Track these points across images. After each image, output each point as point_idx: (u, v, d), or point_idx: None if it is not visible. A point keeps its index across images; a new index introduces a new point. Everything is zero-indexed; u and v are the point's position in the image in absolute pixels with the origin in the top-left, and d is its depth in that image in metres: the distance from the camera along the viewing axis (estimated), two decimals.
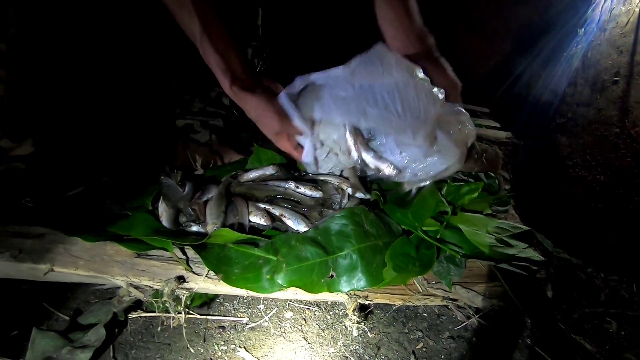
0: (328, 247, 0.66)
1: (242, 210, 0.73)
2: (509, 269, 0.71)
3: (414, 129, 0.65)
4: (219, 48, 0.63)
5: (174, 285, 0.59)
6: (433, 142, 0.67)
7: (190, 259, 0.67)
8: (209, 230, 0.69)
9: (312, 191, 0.80)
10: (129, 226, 0.68)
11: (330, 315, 0.76)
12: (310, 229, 0.68)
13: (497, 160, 0.98)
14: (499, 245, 0.74)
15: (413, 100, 0.64)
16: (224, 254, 0.66)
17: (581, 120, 1.15)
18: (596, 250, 0.97)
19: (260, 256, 0.66)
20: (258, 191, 0.79)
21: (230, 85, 0.66)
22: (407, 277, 0.67)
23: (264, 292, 0.63)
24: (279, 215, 0.73)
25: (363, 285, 0.64)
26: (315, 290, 0.63)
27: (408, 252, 0.70)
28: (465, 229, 0.76)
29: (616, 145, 1.03)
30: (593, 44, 1.21)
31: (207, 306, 0.76)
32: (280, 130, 0.69)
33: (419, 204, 0.78)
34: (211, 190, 0.80)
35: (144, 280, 0.61)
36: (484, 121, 1.49)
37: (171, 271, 0.63)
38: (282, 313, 0.76)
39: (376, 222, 0.72)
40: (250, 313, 0.76)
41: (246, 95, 0.67)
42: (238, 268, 0.64)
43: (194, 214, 0.74)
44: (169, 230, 0.69)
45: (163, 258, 0.65)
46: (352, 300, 0.65)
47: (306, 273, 0.63)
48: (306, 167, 0.78)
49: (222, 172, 0.97)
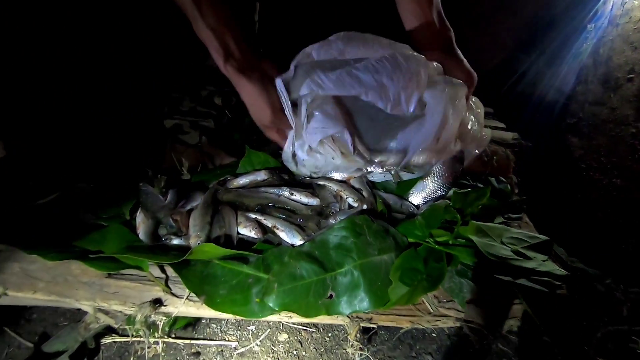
0: (326, 262, 0.59)
1: (229, 220, 0.65)
2: (528, 285, 0.64)
3: (407, 93, 0.60)
4: (212, 23, 0.57)
5: (149, 310, 0.51)
6: (423, 106, 0.63)
7: (170, 278, 0.59)
8: (191, 244, 0.61)
9: (308, 198, 0.72)
10: (100, 240, 0.60)
11: (329, 338, 0.68)
12: (306, 242, 0.61)
13: (509, 163, 0.91)
14: (516, 257, 0.67)
15: (403, 66, 0.60)
16: (208, 272, 0.58)
17: (594, 120, 1.09)
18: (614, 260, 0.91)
19: (250, 274, 0.58)
20: (248, 199, 0.72)
21: (224, 64, 0.60)
22: (416, 295, 0.60)
23: (253, 316, 0.55)
24: (271, 226, 0.65)
25: (366, 307, 0.56)
26: (312, 313, 0.55)
27: (416, 267, 0.63)
28: (478, 239, 0.69)
29: (633, 146, 0.97)
30: (604, 39, 1.14)
31: (191, 328, 0.68)
32: (270, 123, 0.63)
33: (427, 213, 0.71)
34: (196, 198, 0.72)
35: (114, 304, 0.53)
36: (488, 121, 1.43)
37: (147, 293, 0.55)
38: (276, 335, 0.68)
39: (380, 233, 0.64)
40: (239, 336, 0.68)
41: (240, 79, 0.60)
42: (224, 288, 0.56)
43: (176, 225, 0.66)
44: (145, 246, 0.61)
45: (138, 278, 0.57)
46: (354, 324, 0.57)
47: (301, 294, 0.55)
48: (285, 164, 0.74)
49: (211, 176, 0.89)
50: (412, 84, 0.60)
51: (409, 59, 0.60)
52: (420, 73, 0.61)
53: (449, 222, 0.72)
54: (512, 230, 0.74)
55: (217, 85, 1.02)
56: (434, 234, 0.69)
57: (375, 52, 0.61)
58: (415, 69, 0.60)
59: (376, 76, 0.60)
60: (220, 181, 0.80)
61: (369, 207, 0.71)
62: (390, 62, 0.60)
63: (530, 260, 0.67)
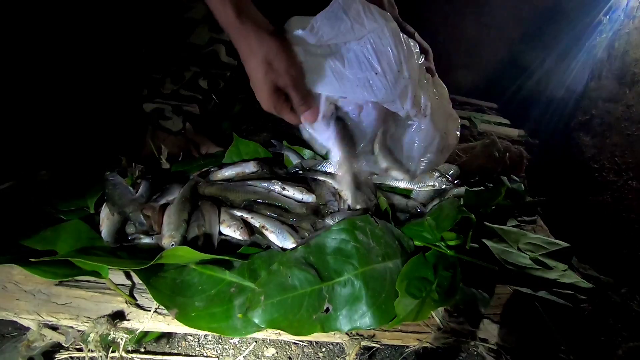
0: (322, 270, 0.50)
1: (210, 218, 0.56)
2: (551, 298, 0.56)
3: (401, 90, 0.52)
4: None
5: (106, 327, 0.42)
6: (419, 105, 0.56)
7: (136, 286, 0.49)
8: (164, 244, 0.52)
9: (302, 194, 0.63)
10: (52, 239, 0.51)
11: (324, 353, 0.60)
12: (300, 245, 0.52)
13: (522, 160, 0.84)
14: (535, 267, 0.59)
15: (392, 54, 0.52)
16: (182, 279, 0.49)
17: (608, 118, 1.02)
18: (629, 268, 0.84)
19: (233, 282, 0.50)
20: (234, 193, 0.62)
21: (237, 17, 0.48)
22: (425, 310, 0.52)
23: (234, 334, 0.46)
24: (259, 226, 0.56)
25: (369, 323, 0.48)
26: (305, 331, 0.46)
27: (425, 275, 0.55)
28: (493, 245, 0.62)
29: None
30: (620, 33, 1.08)
31: (165, 340, 0.59)
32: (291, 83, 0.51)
33: (437, 213, 0.63)
34: (173, 191, 0.63)
35: (64, 318, 0.43)
36: (491, 117, 1.36)
37: (105, 305, 0.46)
38: (262, 350, 0.59)
39: (384, 236, 0.56)
40: (220, 350, 0.59)
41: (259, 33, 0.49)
42: (201, 300, 0.47)
43: (147, 222, 0.56)
44: (108, 247, 0.51)
45: (96, 286, 0.47)
46: (353, 343, 0.49)
47: (292, 308, 0.47)
48: (308, 135, 0.59)
49: (194, 167, 0.80)
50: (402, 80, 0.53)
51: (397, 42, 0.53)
52: (412, 64, 0.54)
53: (458, 224, 0.65)
54: (528, 235, 0.66)
55: (203, 66, 0.91)
56: (445, 237, 0.61)
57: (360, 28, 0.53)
58: (406, 59, 0.53)
59: (361, 74, 0.52)
60: (203, 172, 0.71)
61: (372, 209, 0.62)
62: (376, 46, 0.52)
63: (551, 270, 0.60)
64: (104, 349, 0.42)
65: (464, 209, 0.64)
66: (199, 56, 0.88)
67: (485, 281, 0.58)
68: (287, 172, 0.72)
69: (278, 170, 0.71)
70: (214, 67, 0.92)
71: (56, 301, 0.45)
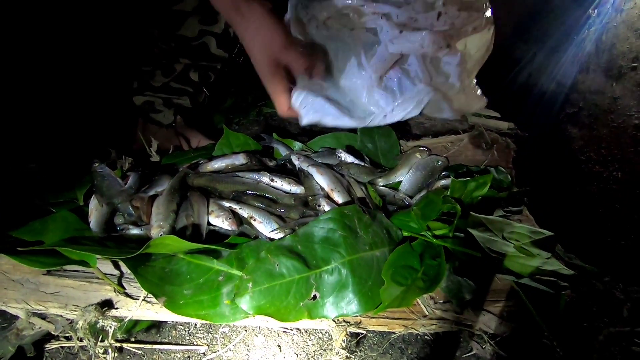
0: (310, 259, 0.51)
1: (199, 209, 0.56)
2: (532, 285, 0.58)
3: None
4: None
5: (95, 315, 0.42)
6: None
7: (124, 276, 0.50)
8: (153, 234, 0.52)
9: (291, 185, 0.64)
10: (40, 230, 0.51)
11: (313, 341, 0.61)
12: (288, 235, 0.53)
13: (509, 152, 0.85)
14: (519, 255, 0.61)
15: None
16: (171, 268, 0.49)
17: (595, 110, 1.04)
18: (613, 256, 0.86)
19: (221, 271, 0.50)
20: (222, 184, 0.63)
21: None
22: (410, 297, 0.53)
23: (222, 320, 0.47)
24: (247, 217, 0.57)
25: (355, 310, 0.49)
26: (292, 317, 0.47)
27: (411, 264, 0.56)
28: (478, 234, 0.63)
29: (635, 138, 0.92)
30: (608, 26, 1.09)
31: (155, 330, 0.60)
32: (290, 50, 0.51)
33: (423, 203, 0.64)
34: (162, 182, 0.63)
35: (53, 307, 0.43)
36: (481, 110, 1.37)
37: (94, 294, 0.46)
38: (251, 339, 0.60)
39: (372, 226, 0.57)
40: (210, 339, 0.60)
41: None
42: (189, 288, 0.48)
43: (136, 213, 0.56)
44: (96, 237, 0.51)
45: (84, 275, 0.47)
46: (340, 329, 0.50)
47: (280, 295, 0.47)
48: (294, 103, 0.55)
49: (184, 159, 0.80)
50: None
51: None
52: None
53: (446, 214, 0.66)
54: (513, 225, 0.67)
55: (193, 58, 0.91)
56: (431, 226, 0.62)
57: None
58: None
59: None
60: (192, 164, 0.71)
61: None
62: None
63: (534, 257, 0.62)
64: (93, 337, 0.43)
65: (449, 198, 0.65)
66: (189, 48, 0.87)
67: (470, 269, 0.60)
68: (276, 165, 0.72)
69: (268, 162, 0.72)
70: (205, 60, 0.92)
71: (45, 290, 0.45)
